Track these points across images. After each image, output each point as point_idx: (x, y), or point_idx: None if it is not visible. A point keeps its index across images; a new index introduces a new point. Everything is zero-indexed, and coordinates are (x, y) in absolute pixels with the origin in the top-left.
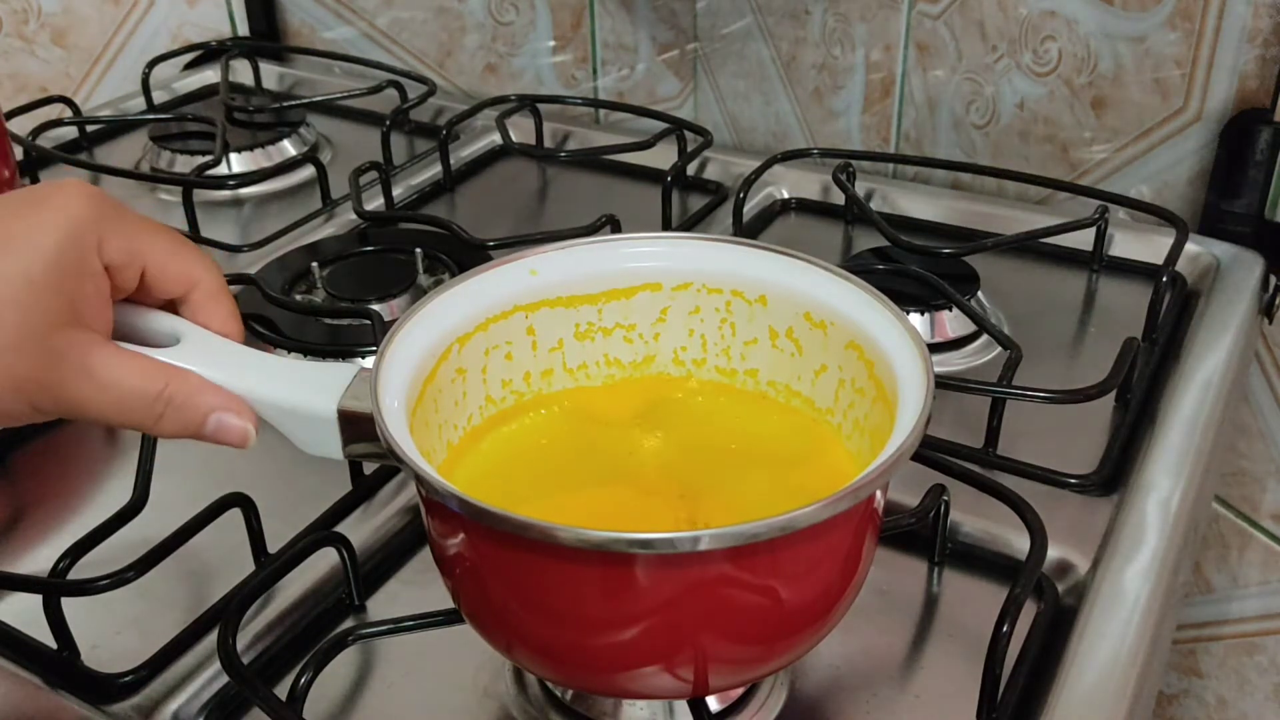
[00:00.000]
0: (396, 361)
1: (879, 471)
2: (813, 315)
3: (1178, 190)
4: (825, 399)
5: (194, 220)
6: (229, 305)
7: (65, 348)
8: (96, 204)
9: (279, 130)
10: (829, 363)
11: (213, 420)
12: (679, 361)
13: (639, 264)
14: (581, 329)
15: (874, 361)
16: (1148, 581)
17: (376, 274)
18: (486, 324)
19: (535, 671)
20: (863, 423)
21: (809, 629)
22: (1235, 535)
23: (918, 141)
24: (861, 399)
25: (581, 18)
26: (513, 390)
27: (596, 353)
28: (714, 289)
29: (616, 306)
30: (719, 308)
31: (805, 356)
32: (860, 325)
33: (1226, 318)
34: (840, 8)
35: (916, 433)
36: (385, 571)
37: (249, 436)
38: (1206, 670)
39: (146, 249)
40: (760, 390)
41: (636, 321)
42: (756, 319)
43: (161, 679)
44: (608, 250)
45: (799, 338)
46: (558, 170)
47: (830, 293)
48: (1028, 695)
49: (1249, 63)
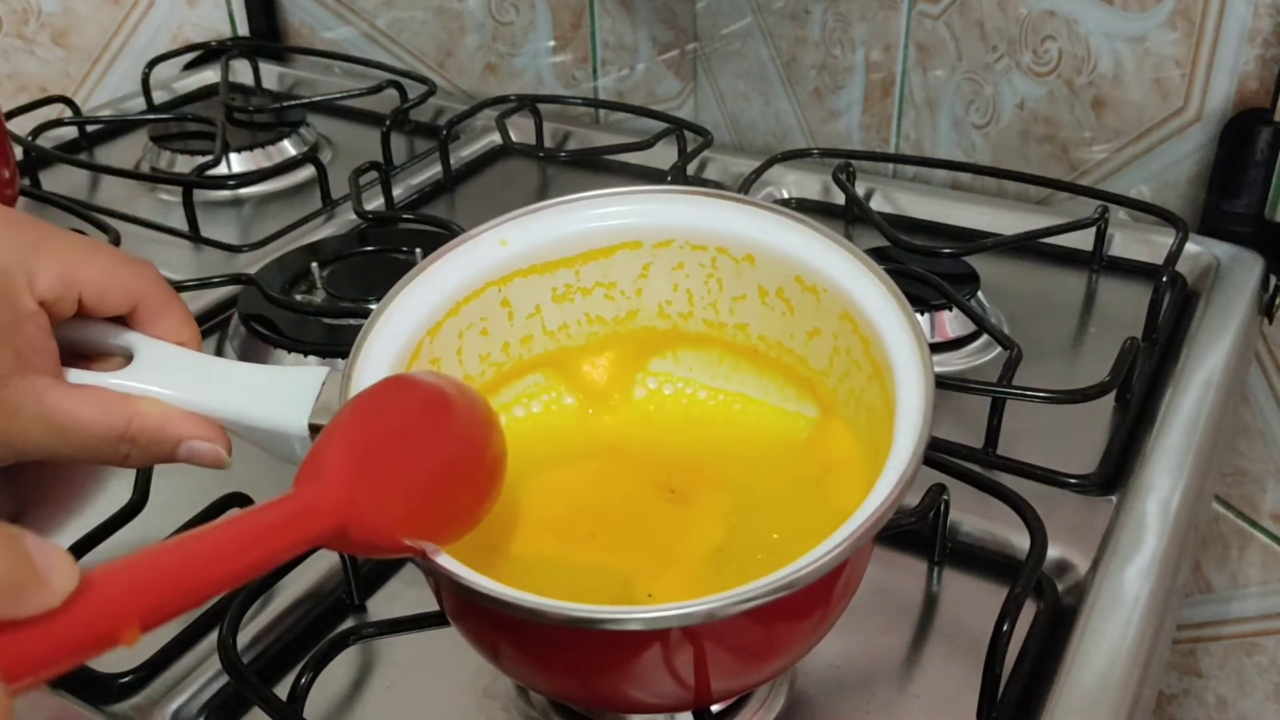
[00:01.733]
0: (365, 373)
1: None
2: (804, 279)
3: (1178, 190)
4: (819, 361)
5: (194, 220)
6: (179, 313)
7: (18, 399)
8: (18, 238)
9: (279, 130)
10: (823, 328)
11: (183, 449)
12: (664, 315)
13: (615, 222)
14: (559, 291)
15: (869, 339)
16: (1148, 581)
17: (376, 274)
18: (457, 308)
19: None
20: (858, 395)
21: (806, 642)
22: (1235, 535)
23: (918, 141)
24: (857, 371)
25: (581, 18)
26: (491, 363)
27: (577, 312)
28: (698, 245)
29: (595, 267)
30: (704, 264)
31: (797, 317)
32: (855, 300)
33: (1226, 318)
34: (840, 8)
35: (915, 461)
36: (385, 571)
37: (223, 459)
38: (1206, 670)
39: (79, 274)
40: (751, 344)
41: (617, 279)
42: (745, 276)
43: (161, 679)
44: (579, 210)
45: (790, 298)
46: (558, 170)
47: (822, 259)
48: (1028, 695)
49: (1249, 63)
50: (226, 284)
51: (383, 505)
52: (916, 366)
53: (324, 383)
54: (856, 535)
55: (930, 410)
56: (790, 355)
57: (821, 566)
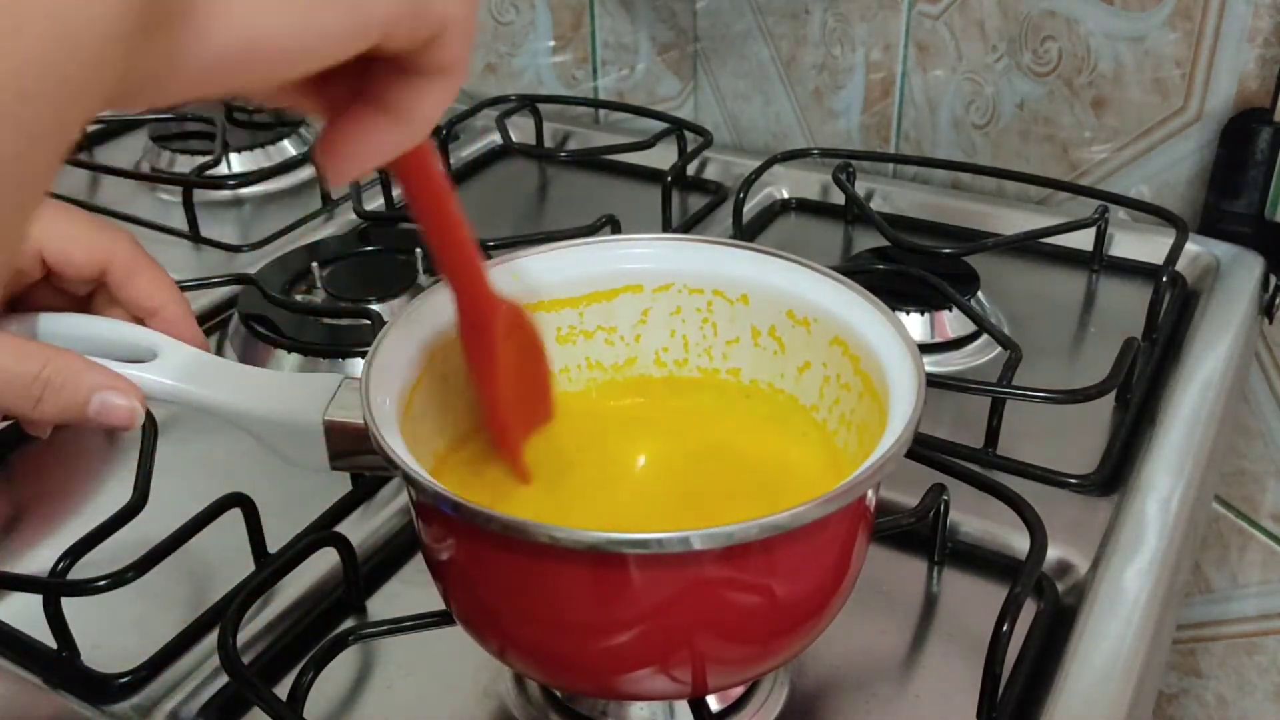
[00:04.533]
0: (385, 366)
1: (871, 471)
2: (795, 313)
3: (1178, 190)
4: (809, 395)
5: (194, 220)
6: (153, 274)
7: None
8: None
9: (279, 130)
10: (812, 359)
11: (96, 400)
12: (660, 363)
13: (620, 266)
14: (563, 332)
15: (860, 357)
16: (1148, 581)
17: (376, 274)
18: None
19: (530, 675)
20: (849, 417)
21: (803, 627)
22: (1235, 535)
23: (918, 141)
24: (847, 394)
25: (581, 18)
26: None
27: (578, 356)
28: (695, 289)
29: (598, 309)
30: (700, 308)
31: (788, 354)
32: (845, 321)
33: (1226, 318)
34: (840, 8)
35: (908, 433)
36: (385, 571)
37: (136, 416)
38: (1206, 670)
39: (41, 234)
40: (743, 387)
41: (618, 324)
42: (738, 318)
43: (161, 679)
44: (589, 253)
45: (781, 335)
46: (558, 170)
47: (813, 290)
48: (1028, 695)
49: (1249, 63)
50: (226, 284)
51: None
52: (909, 371)
53: (340, 385)
54: (878, 465)
55: (923, 381)
56: (781, 395)
57: (851, 491)
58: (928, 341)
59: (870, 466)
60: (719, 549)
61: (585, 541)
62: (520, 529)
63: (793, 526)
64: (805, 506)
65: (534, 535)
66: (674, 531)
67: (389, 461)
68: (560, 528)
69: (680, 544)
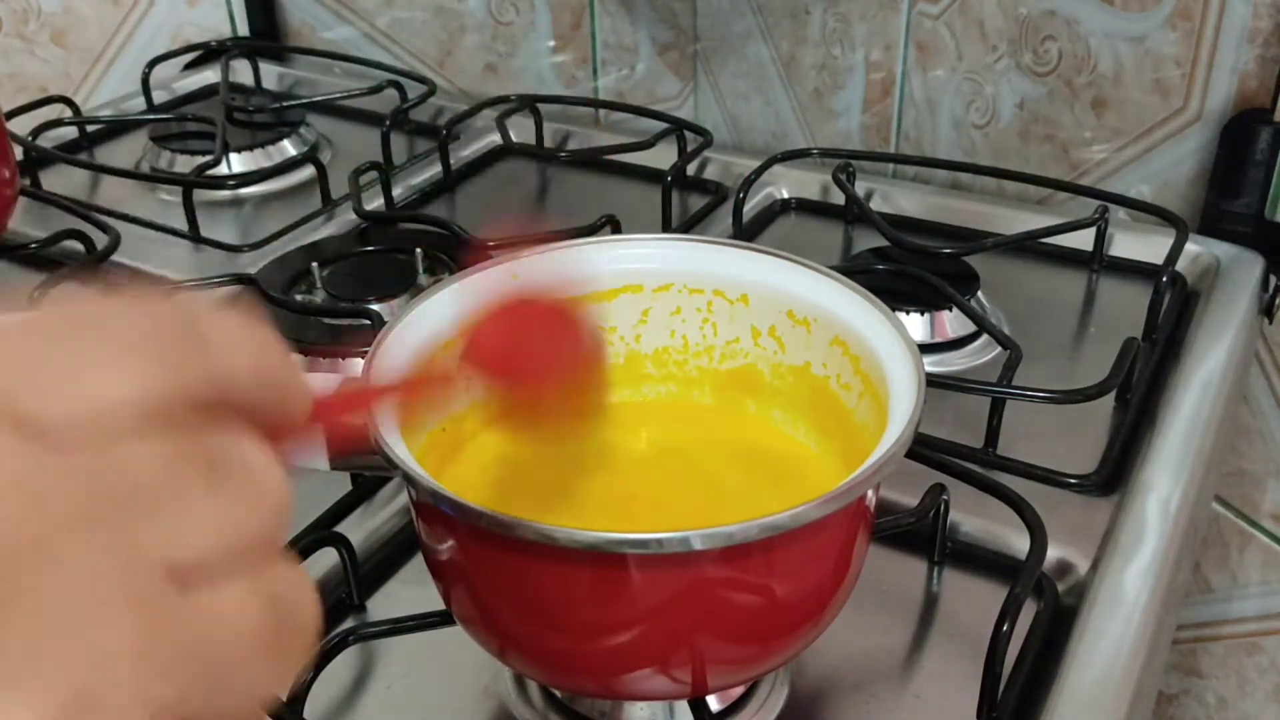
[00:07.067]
0: (385, 366)
1: (871, 471)
2: (795, 313)
3: (1178, 190)
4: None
5: (194, 220)
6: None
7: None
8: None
9: (279, 130)
10: (812, 359)
11: None
12: (660, 363)
13: (620, 266)
14: None
15: (860, 357)
16: (1148, 581)
17: (376, 274)
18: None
19: (530, 675)
20: (845, 421)
21: (804, 627)
22: (1235, 535)
23: (918, 141)
24: (847, 394)
25: (581, 18)
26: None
27: None
28: (695, 289)
29: (597, 310)
30: (700, 308)
31: (788, 354)
32: (845, 321)
33: (1226, 318)
34: (840, 8)
35: (908, 433)
36: (385, 571)
37: None
38: (1206, 670)
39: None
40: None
41: (617, 324)
42: (738, 318)
43: None
44: (589, 253)
45: (781, 335)
46: (558, 170)
47: (813, 290)
48: (1028, 695)
49: (1249, 63)
50: (226, 284)
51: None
52: (908, 367)
53: (340, 386)
54: (878, 465)
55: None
56: (781, 395)
57: (851, 491)
58: (928, 341)
59: (870, 466)
60: (719, 549)
61: (585, 541)
62: (520, 529)
63: (793, 526)
64: (805, 506)
65: (533, 535)
66: (674, 531)
67: (389, 461)
68: (560, 528)
69: (680, 544)
